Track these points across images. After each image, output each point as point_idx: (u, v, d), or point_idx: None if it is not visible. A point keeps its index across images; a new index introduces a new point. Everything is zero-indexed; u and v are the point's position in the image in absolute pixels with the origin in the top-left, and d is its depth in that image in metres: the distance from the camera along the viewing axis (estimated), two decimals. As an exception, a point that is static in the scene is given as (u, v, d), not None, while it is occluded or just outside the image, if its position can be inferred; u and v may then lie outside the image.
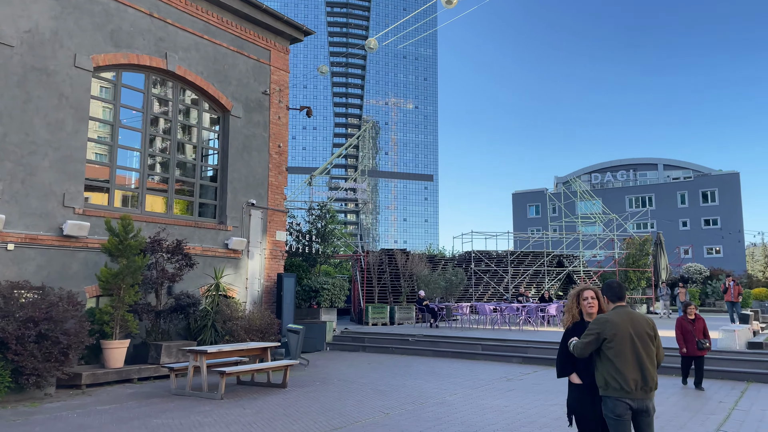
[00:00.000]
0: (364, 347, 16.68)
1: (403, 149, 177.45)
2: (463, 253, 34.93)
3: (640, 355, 4.49)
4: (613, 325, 4.53)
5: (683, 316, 10.71)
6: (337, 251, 21.79)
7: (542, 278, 33.85)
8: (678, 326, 10.63)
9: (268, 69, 16.37)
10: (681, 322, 10.63)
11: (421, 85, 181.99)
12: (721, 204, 63.49)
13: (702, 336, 10.38)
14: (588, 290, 5.04)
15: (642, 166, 75.36)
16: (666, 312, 25.97)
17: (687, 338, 10.46)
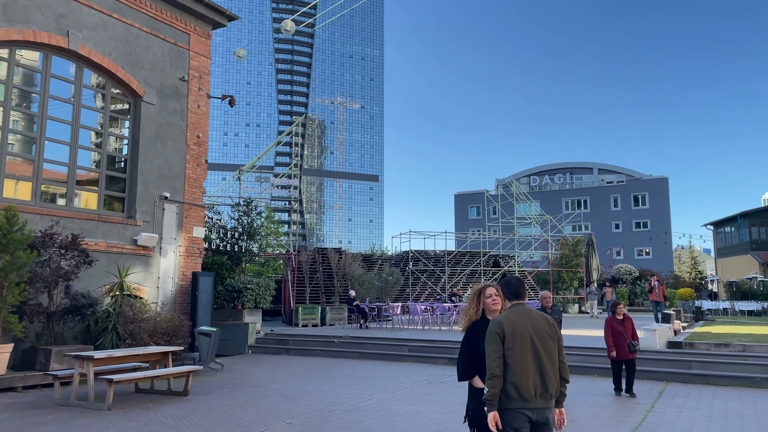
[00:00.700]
0: (287, 350, 15.90)
1: (348, 149, 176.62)
2: (401, 252, 34.58)
3: (541, 357, 3.99)
4: (510, 324, 4.02)
5: (612, 316, 9.94)
6: (264, 249, 20.85)
7: (479, 278, 33.91)
8: (607, 327, 9.80)
9: (187, 54, 15.35)
10: (610, 323, 9.81)
11: (368, 85, 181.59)
12: (651, 207, 66.02)
13: (631, 337, 9.70)
14: (491, 287, 4.56)
15: (578, 169, 77.52)
16: (595, 312, 26.36)
17: (617, 340, 9.66)
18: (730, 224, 45.75)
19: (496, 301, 4.45)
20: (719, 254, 48.31)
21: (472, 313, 4.52)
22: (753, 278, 32.91)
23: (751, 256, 41.65)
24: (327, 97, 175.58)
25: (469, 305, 4.57)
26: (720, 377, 10.86)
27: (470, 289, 4.64)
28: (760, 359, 11.21)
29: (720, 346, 11.93)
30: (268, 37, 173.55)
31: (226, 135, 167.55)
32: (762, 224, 42.37)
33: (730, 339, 12.62)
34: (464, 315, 4.60)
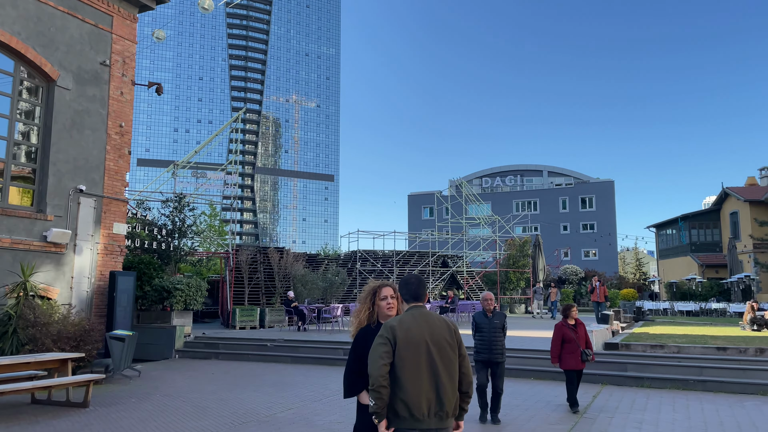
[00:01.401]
0: (217, 354, 15.02)
1: (303, 148, 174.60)
2: (349, 252, 33.94)
3: (437, 369, 3.41)
4: (404, 329, 3.43)
5: (563, 321, 8.74)
6: (207, 248, 19.85)
7: (427, 278, 33.62)
8: (557, 333, 8.58)
9: (110, 37, 14.27)
10: (562, 328, 8.58)
11: (324, 83, 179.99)
12: (598, 210, 67.53)
13: (584, 345, 8.53)
14: (387, 287, 3.96)
15: (529, 172, 78.66)
16: (539, 312, 26.37)
17: (569, 348, 8.51)
18: (671, 226, 47.05)
19: (392, 305, 3.86)
20: (661, 256, 49.65)
21: (363, 317, 3.91)
22: (692, 279, 33.77)
23: (691, 257, 42.87)
24: (282, 95, 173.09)
25: (361, 307, 3.95)
26: (655, 379, 10.67)
27: (363, 289, 4.03)
28: (694, 360, 11.10)
29: (655, 348, 11.79)
30: (221, 33, 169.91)
31: (177, 131, 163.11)
32: (701, 227, 43.69)
33: (665, 340, 12.53)
34: (354, 318, 3.99)
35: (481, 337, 8.01)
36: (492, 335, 7.94)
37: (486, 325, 8.05)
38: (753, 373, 10.37)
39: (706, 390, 10.18)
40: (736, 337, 13.51)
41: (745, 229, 37.99)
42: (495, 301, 8.40)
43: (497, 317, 8.15)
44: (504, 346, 8.05)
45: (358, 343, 3.81)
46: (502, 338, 8.02)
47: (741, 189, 40.89)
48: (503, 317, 8.22)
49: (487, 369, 7.94)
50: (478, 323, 8.15)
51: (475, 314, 8.31)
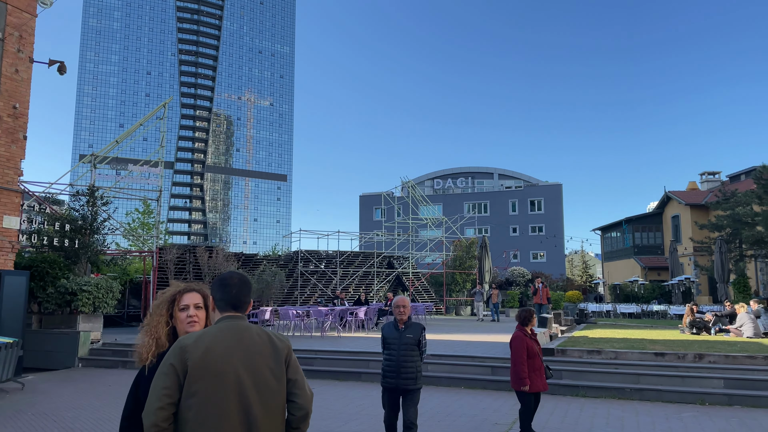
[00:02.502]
0: (125, 363, 13.57)
1: (256, 147, 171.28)
2: (290, 252, 32.66)
3: (251, 409, 2.36)
4: (201, 351, 2.37)
5: (522, 329, 6.84)
6: (107, 246, 18.25)
7: (372, 279, 32.68)
8: (519, 345, 6.66)
9: (4, 8, 12.69)
10: (523, 339, 6.72)
11: (278, 82, 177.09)
12: (546, 212, 68.24)
13: None
14: (191, 292, 2.87)
15: (480, 174, 78.97)
16: (481, 314, 25.76)
17: (534, 365, 6.63)
18: (615, 229, 47.68)
19: (195, 318, 2.76)
20: (606, 258, 50.30)
21: (155, 338, 2.73)
22: (634, 281, 34.04)
23: (635, 260, 43.46)
24: (234, 92, 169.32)
25: (154, 322, 2.81)
26: (590, 388, 9.97)
27: (160, 295, 2.90)
28: (632, 367, 10.47)
29: (592, 353, 11.13)
30: (171, 26, 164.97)
31: (122, 127, 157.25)
32: (644, 230, 44.38)
33: (603, 345, 11.92)
34: (145, 338, 2.81)
35: (389, 356, 6.02)
36: (402, 354, 5.94)
37: (395, 340, 6.05)
38: (691, 380, 9.80)
39: (643, 399, 9.54)
40: (675, 341, 13.06)
41: (686, 232, 38.68)
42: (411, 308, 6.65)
43: (411, 330, 6.09)
44: (419, 369, 6.06)
45: (140, 379, 2.69)
46: (416, 358, 6.02)
47: (682, 193, 41.71)
48: (419, 330, 6.16)
49: (396, 398, 6.11)
50: (386, 337, 6.17)
51: (384, 326, 6.38)
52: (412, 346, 6.04)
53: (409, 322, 6.16)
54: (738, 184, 36.70)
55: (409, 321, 6.18)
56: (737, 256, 30.00)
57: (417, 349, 6.08)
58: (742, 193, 30.44)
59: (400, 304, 6.20)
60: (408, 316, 6.19)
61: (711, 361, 10.40)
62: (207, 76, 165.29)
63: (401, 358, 5.98)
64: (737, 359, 10.29)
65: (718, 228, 30.63)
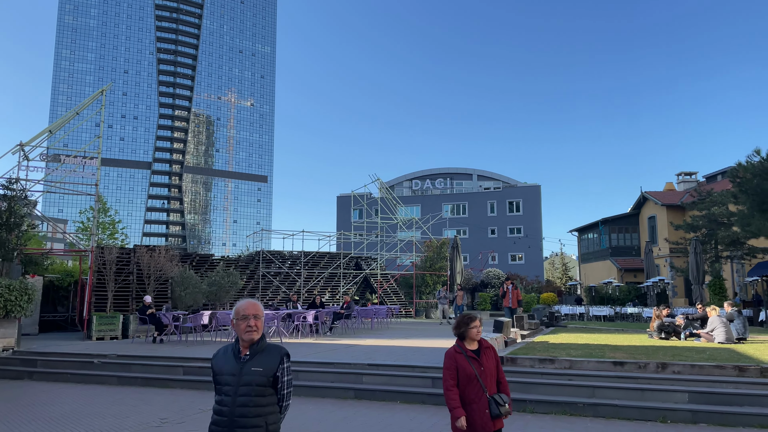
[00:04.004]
0: (31, 374, 12.11)
1: (236, 147, 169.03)
2: (252, 253, 31.23)
3: None
4: None
5: (458, 344, 4.64)
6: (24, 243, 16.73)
7: (338, 281, 31.35)
8: (450, 365, 4.54)
9: None
10: (453, 357, 4.56)
11: (258, 82, 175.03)
12: (525, 214, 67.42)
13: (495, 385, 4.51)
14: None
15: (459, 175, 78.05)
16: (446, 318, 24.52)
17: (470, 393, 4.41)
18: (592, 231, 46.87)
19: None
20: (583, 260, 49.48)
21: None
22: (608, 283, 33.15)
23: (611, 261, 42.63)
24: (214, 92, 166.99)
25: None
26: (539, 403, 8.75)
27: None
28: (587, 379, 9.28)
29: (545, 362, 9.92)
30: (149, 24, 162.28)
31: (97, 126, 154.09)
32: (621, 231, 43.59)
33: (560, 352, 10.72)
34: None
35: (221, 403, 3.39)
36: (242, 401, 3.33)
37: (232, 377, 3.39)
38: (652, 394, 8.62)
39: (598, 416, 8.34)
40: (639, 347, 11.92)
41: (662, 233, 37.91)
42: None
43: (262, 359, 3.42)
44: (272, 428, 3.38)
45: None
46: (267, 408, 3.39)
47: (659, 193, 40.99)
48: (278, 359, 3.44)
49: None
50: (218, 372, 3.47)
51: (217, 352, 3.57)
52: (262, 388, 3.35)
53: (260, 346, 3.43)
54: (714, 185, 36.02)
55: (261, 344, 3.45)
56: (713, 257, 29.20)
57: (271, 391, 3.40)
58: (717, 193, 29.68)
59: (245, 313, 3.40)
60: (261, 336, 3.47)
61: (675, 371, 9.25)
62: (186, 75, 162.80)
63: (239, 409, 3.30)
64: (704, 369, 9.15)
65: (693, 228, 29.84)
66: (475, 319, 4.67)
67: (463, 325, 4.68)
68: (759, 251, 26.75)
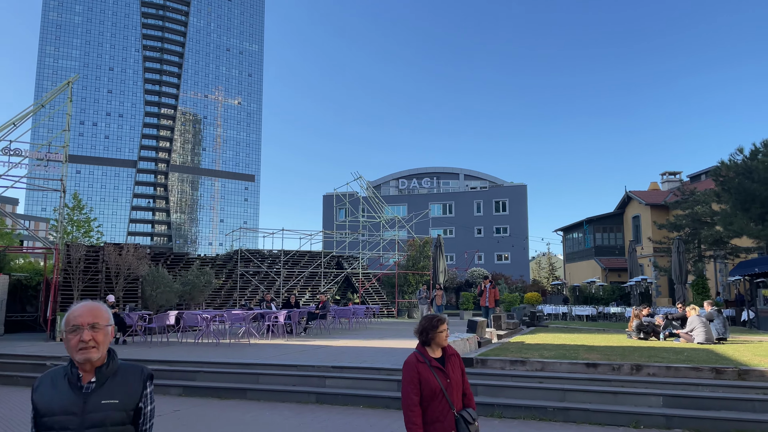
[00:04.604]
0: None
1: (223, 146, 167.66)
2: (230, 252, 30.62)
3: None
4: None
5: (420, 350, 3.85)
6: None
7: (319, 280, 30.83)
8: (410, 378, 3.73)
9: None
10: (414, 367, 3.75)
11: (246, 80, 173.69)
12: (511, 213, 67.24)
13: (461, 399, 3.82)
14: None
15: (445, 174, 77.74)
16: (427, 318, 24.06)
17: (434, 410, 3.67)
18: (577, 230, 46.69)
19: None
20: (568, 259, 49.30)
21: None
22: (592, 282, 32.91)
23: (595, 261, 42.45)
24: (201, 90, 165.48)
25: None
26: (508, 407, 8.31)
27: None
28: (558, 381, 8.86)
29: (516, 364, 9.49)
30: (135, 21, 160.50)
31: (83, 124, 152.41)
32: (605, 230, 43.43)
33: (532, 353, 10.30)
34: None
35: None
36: None
37: (72, 413, 2.27)
38: (625, 397, 8.21)
39: (568, 421, 7.92)
40: (616, 348, 11.53)
41: (646, 232, 37.76)
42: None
43: (113, 389, 2.35)
44: None
45: None
46: None
47: (643, 193, 40.86)
48: (139, 386, 2.43)
49: None
50: (44, 410, 2.29)
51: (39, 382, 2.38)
52: (119, 428, 2.34)
53: (110, 368, 2.39)
54: (698, 184, 35.91)
55: (112, 364, 2.40)
56: (696, 256, 29.01)
57: (131, 430, 2.40)
58: (701, 192, 29.50)
59: (76, 322, 2.35)
60: (110, 354, 2.43)
61: (650, 373, 8.85)
62: (173, 73, 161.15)
63: None
64: (680, 371, 8.76)
65: (677, 228, 29.63)
66: (444, 322, 3.93)
67: (430, 329, 3.88)
68: (742, 251, 26.58)
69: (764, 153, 23.62)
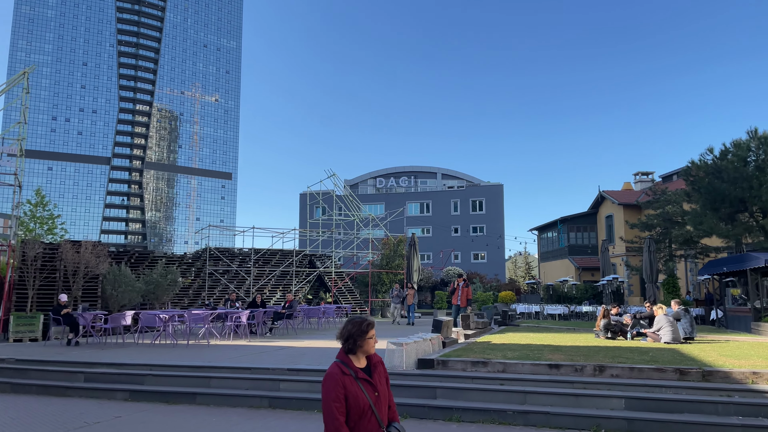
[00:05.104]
0: None
1: (200, 144, 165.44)
2: (200, 250, 29.93)
3: None
4: None
5: (344, 360, 3.40)
6: None
7: (290, 279, 30.29)
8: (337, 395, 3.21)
9: None
10: (338, 380, 3.26)
11: (223, 77, 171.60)
12: (487, 213, 67.34)
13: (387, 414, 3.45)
14: None
15: (423, 173, 77.61)
16: (397, 317, 23.74)
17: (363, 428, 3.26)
18: (551, 229, 46.83)
19: None
20: (542, 258, 49.45)
21: None
22: (564, 282, 32.92)
23: (569, 260, 42.59)
24: (177, 87, 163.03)
25: None
26: (467, 410, 7.98)
27: None
28: (520, 383, 8.56)
29: (477, 366, 9.18)
30: (110, 16, 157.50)
31: (55, 120, 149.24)
32: (579, 230, 43.61)
33: (495, 354, 10.00)
34: None
35: None
36: None
37: None
38: (587, 400, 7.94)
39: (528, 425, 7.62)
40: (582, 347, 11.30)
41: (619, 232, 37.95)
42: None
43: None
44: None
45: None
46: None
47: (616, 193, 41.10)
48: None
49: None
50: None
51: None
52: None
53: None
54: (670, 184, 36.20)
55: None
56: (667, 255, 29.16)
57: None
58: (672, 192, 29.68)
59: None
60: None
61: (613, 374, 8.60)
62: (148, 69, 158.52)
63: None
64: (644, 372, 8.52)
65: (648, 227, 29.76)
66: (373, 327, 3.50)
67: (358, 336, 3.38)
68: (711, 250, 26.75)
69: (734, 153, 23.74)
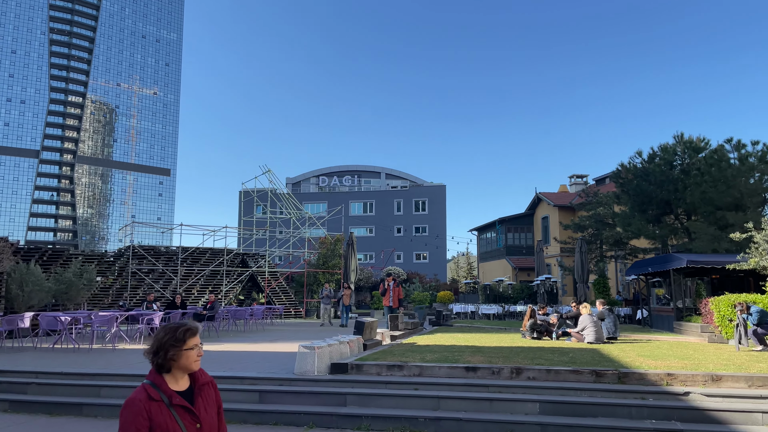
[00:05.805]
0: None
1: (137, 138, 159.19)
2: (121, 248, 28.34)
3: None
4: None
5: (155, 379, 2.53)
6: None
7: (221, 279, 29.13)
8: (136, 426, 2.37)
9: None
10: (146, 409, 2.41)
11: (163, 70, 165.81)
12: (430, 213, 67.61)
13: None
14: None
15: (367, 173, 77.20)
16: (329, 319, 23.10)
17: None
18: (490, 230, 47.32)
19: None
20: (481, 259, 49.93)
21: None
22: (500, 281, 33.20)
23: (506, 260, 43.09)
24: (113, 78, 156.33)
25: None
26: (377, 418, 7.47)
27: None
28: (435, 388, 8.13)
29: (393, 369, 8.70)
30: (42, 2, 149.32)
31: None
32: (517, 230, 44.22)
33: (414, 357, 9.56)
34: None
35: None
36: None
37: None
38: (502, 404, 7.59)
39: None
40: (504, 348, 11.04)
41: (554, 232, 38.66)
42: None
43: None
44: None
45: None
46: None
47: (552, 194, 41.89)
48: None
49: None
50: None
51: None
52: None
53: None
54: (602, 187, 37.13)
55: None
56: (598, 256, 29.80)
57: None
58: (603, 194, 30.36)
59: None
60: None
61: (530, 377, 8.30)
62: (82, 59, 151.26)
63: None
64: (560, 375, 8.26)
65: (581, 228, 30.34)
66: (195, 334, 2.63)
67: (171, 346, 2.54)
68: (640, 251, 27.47)
69: (661, 157, 24.40)
